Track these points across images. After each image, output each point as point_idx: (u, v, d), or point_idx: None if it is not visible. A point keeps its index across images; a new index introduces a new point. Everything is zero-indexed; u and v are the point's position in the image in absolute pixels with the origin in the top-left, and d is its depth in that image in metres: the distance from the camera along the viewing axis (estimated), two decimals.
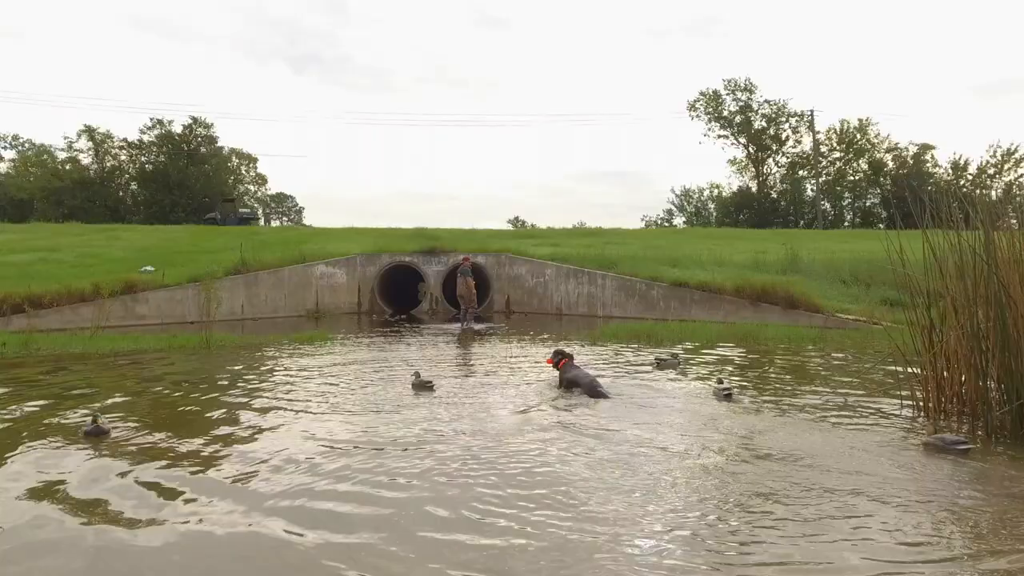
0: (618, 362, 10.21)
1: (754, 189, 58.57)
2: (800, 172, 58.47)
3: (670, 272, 20.22)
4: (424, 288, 23.99)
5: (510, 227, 71.84)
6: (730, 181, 65.95)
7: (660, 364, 9.38)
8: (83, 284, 16.60)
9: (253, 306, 19.95)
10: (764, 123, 58.05)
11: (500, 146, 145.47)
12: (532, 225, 72.62)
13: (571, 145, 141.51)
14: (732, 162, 60.43)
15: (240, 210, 40.19)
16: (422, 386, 7.75)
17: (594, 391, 7.29)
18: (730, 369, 9.57)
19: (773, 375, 9.13)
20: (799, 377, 8.97)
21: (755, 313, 16.76)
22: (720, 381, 7.61)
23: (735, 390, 7.52)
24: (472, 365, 10.44)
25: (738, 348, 11.75)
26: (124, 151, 53.08)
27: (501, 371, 9.55)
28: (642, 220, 73.60)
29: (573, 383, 7.50)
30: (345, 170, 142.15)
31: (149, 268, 19.91)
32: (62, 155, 52.54)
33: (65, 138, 52.62)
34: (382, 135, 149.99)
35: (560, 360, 7.87)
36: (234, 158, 60.72)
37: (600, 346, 12.20)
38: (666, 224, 71.58)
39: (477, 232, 33.28)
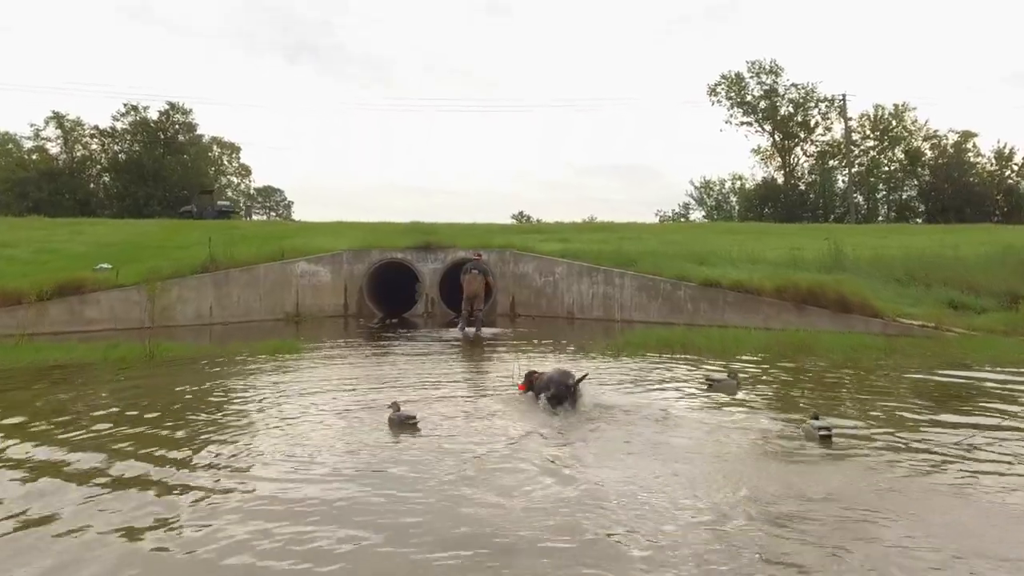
0: (656, 381, 8.75)
1: (780, 180, 57.06)
2: (830, 162, 57.01)
3: (698, 271, 18.77)
4: (421, 288, 22.58)
5: (514, 222, 70.37)
6: (754, 172, 64.64)
7: (713, 386, 7.94)
8: (22, 284, 15.21)
9: (223, 308, 18.57)
10: (791, 109, 56.74)
11: (501, 138, 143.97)
12: (538, 220, 71.14)
13: (577, 137, 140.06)
14: (756, 151, 59.25)
15: (219, 202, 38.84)
16: (402, 423, 6.32)
17: (563, 390, 6.75)
18: (802, 393, 8.07)
19: (865, 399, 7.63)
20: (906, 404, 7.49)
21: (800, 317, 15.30)
22: (815, 416, 6.13)
23: (834, 430, 6.04)
24: (469, 386, 9.00)
25: (794, 361, 10.29)
26: (96, 139, 51.82)
27: (502, 395, 8.08)
28: (656, 215, 72.09)
29: (544, 388, 6.95)
30: (337, 163, 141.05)
31: (105, 266, 18.55)
32: (28, 144, 51.37)
33: (32, 126, 51.38)
34: (377, 126, 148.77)
35: (530, 379, 7.39)
36: (215, 147, 59.47)
37: (628, 358, 10.77)
38: (682, 219, 70.13)
39: (478, 226, 31.80)
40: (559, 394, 6.76)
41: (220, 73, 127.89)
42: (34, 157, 51.25)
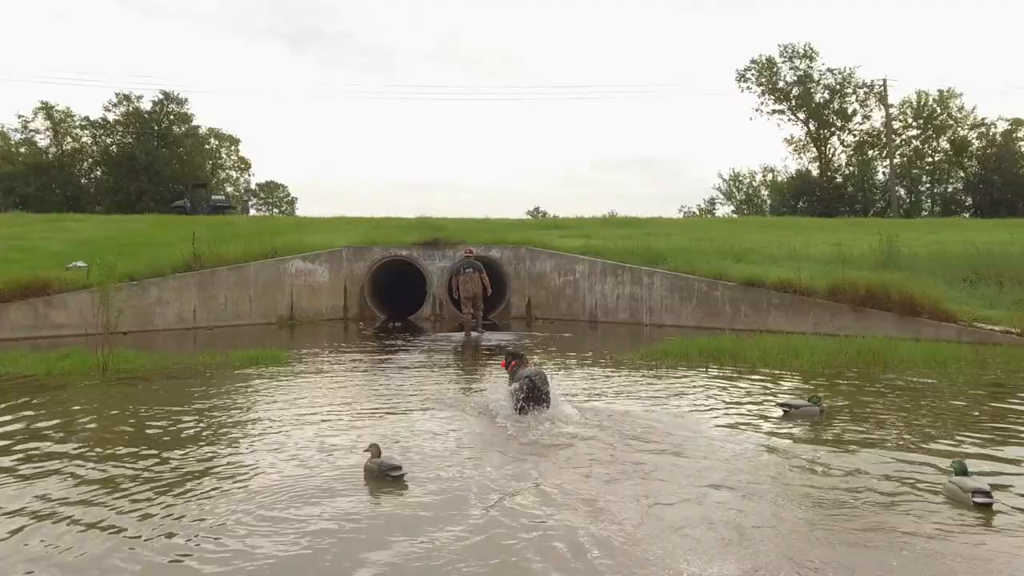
0: (710, 403, 7.50)
1: (815, 172, 55.50)
2: (870, 152, 55.35)
3: (736, 269, 17.52)
4: (429, 288, 21.43)
5: (529, 218, 69.24)
6: (786, 164, 63.22)
7: (790, 413, 6.67)
8: None
9: (209, 311, 17.50)
10: (827, 95, 55.06)
11: (514, 132, 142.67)
12: (555, 215, 69.88)
13: (593, 130, 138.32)
14: (789, 141, 57.44)
15: (213, 197, 37.85)
16: (382, 472, 5.14)
17: (536, 393, 6.75)
18: (909, 425, 6.72)
19: (1007, 434, 6.27)
20: None
21: (858, 321, 13.99)
22: (963, 469, 4.66)
23: (989, 489, 4.55)
24: (470, 411, 7.79)
25: (874, 378, 8.99)
26: (87, 131, 51.14)
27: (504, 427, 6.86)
28: (680, 210, 70.61)
29: (521, 385, 6.94)
30: (342, 157, 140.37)
31: (79, 264, 17.58)
32: (16, 136, 50.73)
33: (19, 117, 50.57)
34: (383, 119, 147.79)
35: (511, 362, 7.60)
36: (213, 139, 58.61)
37: (670, 371, 9.52)
38: (708, 214, 68.67)
39: (491, 222, 30.65)
40: (533, 397, 6.80)
41: (220, 62, 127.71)
42: (22, 150, 50.62)
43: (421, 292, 21.66)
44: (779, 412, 6.87)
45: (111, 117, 50.54)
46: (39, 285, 14.88)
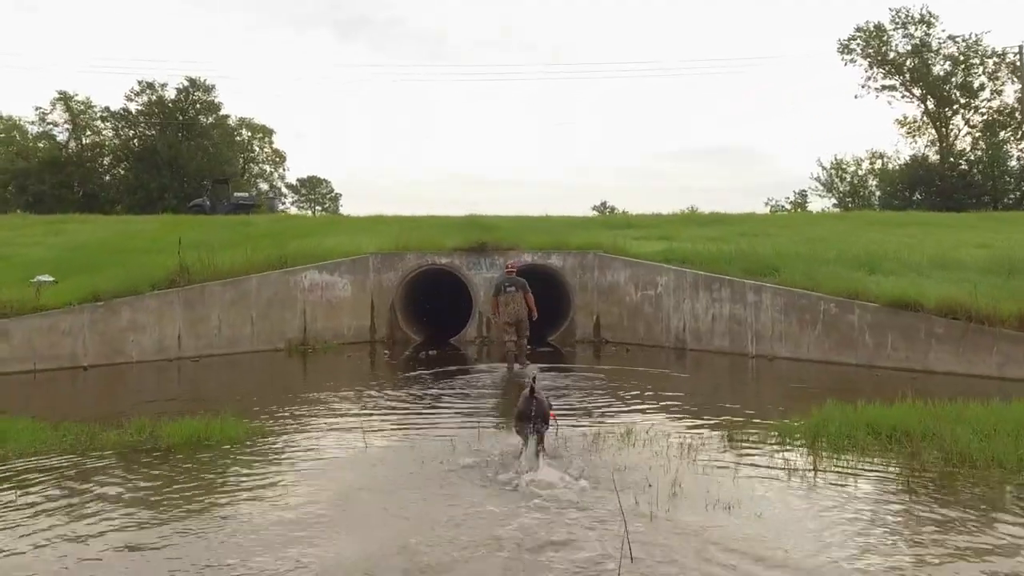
0: None
1: (935, 158, 51.20)
2: (1001, 133, 50.73)
3: (873, 282, 14.34)
4: (474, 304, 18.86)
5: (595, 214, 66.08)
6: (898, 149, 58.84)
7: None
8: None
9: (198, 337, 15.24)
10: (948, 67, 50.91)
11: (575, 120, 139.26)
12: (624, 211, 66.34)
13: (662, 116, 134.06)
14: (902, 122, 53.51)
15: (236, 194, 36.21)
16: None
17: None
18: None
19: None
20: None
21: None
22: None
23: None
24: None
25: None
26: (109, 123, 50.34)
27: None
28: (767, 204, 66.39)
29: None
30: (390, 151, 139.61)
31: (45, 278, 15.50)
32: (34, 129, 50.24)
33: (37, 109, 50.13)
34: (435, 109, 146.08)
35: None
36: (244, 130, 57.37)
37: (827, 468, 6.56)
38: (799, 208, 64.47)
39: (551, 220, 27.90)
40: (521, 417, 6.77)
41: (265, 50, 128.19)
42: (41, 145, 50.12)
43: (465, 307, 19.11)
44: None
45: (133, 107, 49.75)
46: None
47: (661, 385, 12.00)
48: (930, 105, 52.02)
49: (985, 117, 51.45)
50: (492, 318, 15.64)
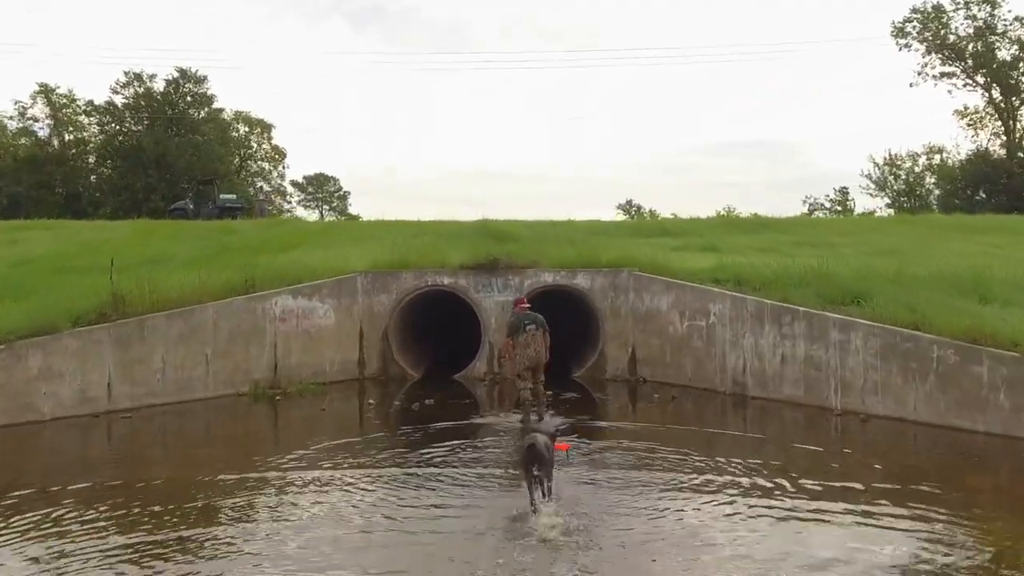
0: None
1: (999, 153, 48.62)
2: None
3: (994, 317, 11.53)
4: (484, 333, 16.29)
5: (623, 216, 63.05)
6: (957, 143, 55.93)
7: None
8: None
9: (135, 384, 12.71)
10: (1016, 52, 48.56)
11: (596, 110, 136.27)
12: (652, 211, 63.13)
13: (690, 108, 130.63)
14: (962, 113, 51.15)
15: (222, 196, 33.85)
16: None
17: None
18: None
19: None
20: None
21: None
22: None
23: None
24: None
25: None
26: (94, 118, 48.33)
27: None
28: (805, 202, 63.10)
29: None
30: (400, 146, 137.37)
31: None
32: (14, 125, 48.25)
33: (16, 103, 48.09)
34: (450, 102, 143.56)
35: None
36: (240, 125, 55.09)
37: None
38: (838, 208, 61.47)
39: (576, 226, 25.17)
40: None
41: (276, 41, 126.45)
42: (22, 142, 48.20)
43: (473, 336, 16.53)
44: None
45: (119, 101, 47.69)
46: None
47: (730, 452, 9.38)
48: (995, 94, 49.98)
49: None
50: (504, 361, 13.21)
